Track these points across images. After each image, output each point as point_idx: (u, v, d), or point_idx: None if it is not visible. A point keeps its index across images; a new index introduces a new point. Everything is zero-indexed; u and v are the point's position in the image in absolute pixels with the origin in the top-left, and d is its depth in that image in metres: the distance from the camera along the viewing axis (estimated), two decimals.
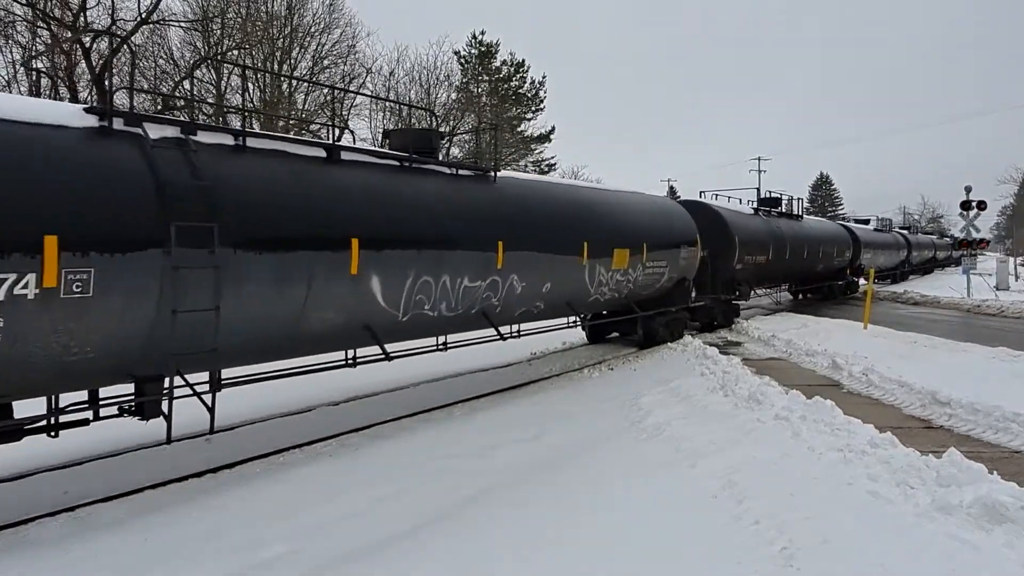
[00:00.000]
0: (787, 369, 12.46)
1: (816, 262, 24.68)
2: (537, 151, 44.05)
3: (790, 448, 6.72)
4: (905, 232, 46.74)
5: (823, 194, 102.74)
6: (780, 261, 20.73)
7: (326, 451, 7.68)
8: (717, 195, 20.82)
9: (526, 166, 40.64)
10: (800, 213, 24.16)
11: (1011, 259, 44.20)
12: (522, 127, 42.88)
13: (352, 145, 10.20)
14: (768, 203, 22.61)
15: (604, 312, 14.16)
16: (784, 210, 23.22)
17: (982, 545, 4.44)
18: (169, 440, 6.45)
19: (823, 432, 7.17)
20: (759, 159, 65.43)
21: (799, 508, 5.19)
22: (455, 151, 33.40)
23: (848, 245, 28.44)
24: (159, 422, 6.75)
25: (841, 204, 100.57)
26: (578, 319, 13.01)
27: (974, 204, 28.78)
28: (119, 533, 5.46)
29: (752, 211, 20.75)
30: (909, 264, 43.99)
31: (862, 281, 34.72)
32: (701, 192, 20.37)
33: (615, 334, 16.04)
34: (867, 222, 39.23)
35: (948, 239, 70.20)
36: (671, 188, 61.53)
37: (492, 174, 10.21)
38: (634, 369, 12.65)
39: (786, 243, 21.01)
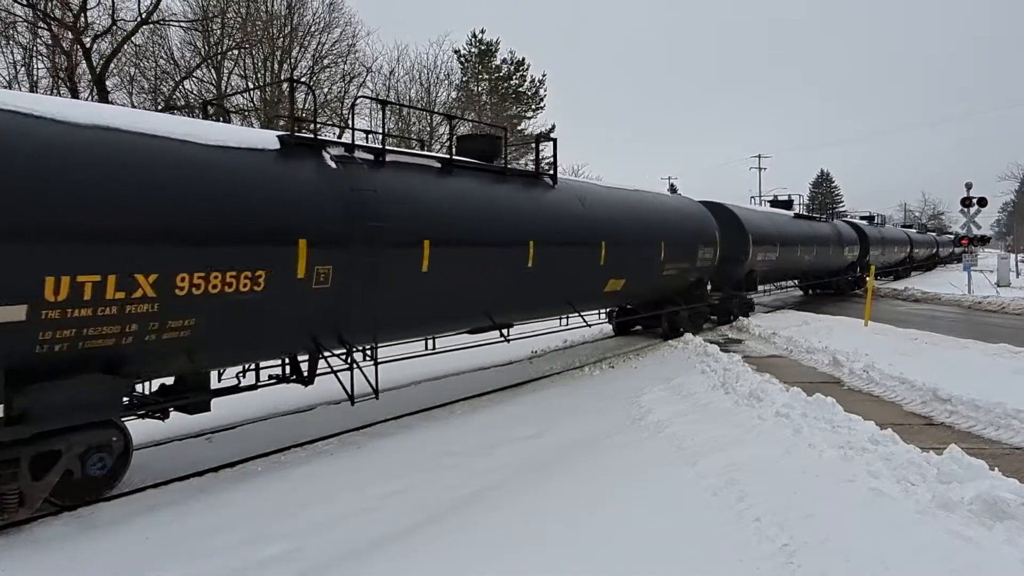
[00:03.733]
0: (788, 366, 12.46)
1: (581, 279, 11.78)
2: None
3: (791, 445, 6.72)
4: (862, 223, 34.76)
5: (824, 191, 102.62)
6: (383, 287, 7.92)
7: (327, 450, 7.69)
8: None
9: (526, 164, 40.61)
10: (550, 173, 11.77)
11: (1012, 256, 44.14)
12: (522, 126, 42.85)
13: None
14: (472, 145, 10.81)
15: None
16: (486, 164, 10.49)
17: (983, 542, 4.43)
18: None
19: (824, 429, 7.17)
20: (759, 156, 65.34)
21: (800, 505, 5.19)
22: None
23: (711, 240, 16.23)
24: (158, 420, 6.80)
25: (842, 202, 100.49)
26: None
27: (975, 201, 28.76)
28: (121, 531, 5.48)
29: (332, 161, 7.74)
30: (863, 268, 30.57)
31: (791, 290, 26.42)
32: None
33: None
34: (788, 205, 26.48)
35: (934, 235, 60.50)
36: (672, 186, 61.45)
37: None
38: (635, 367, 12.66)
39: (408, 239, 8.26)
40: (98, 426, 5.89)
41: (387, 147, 8.56)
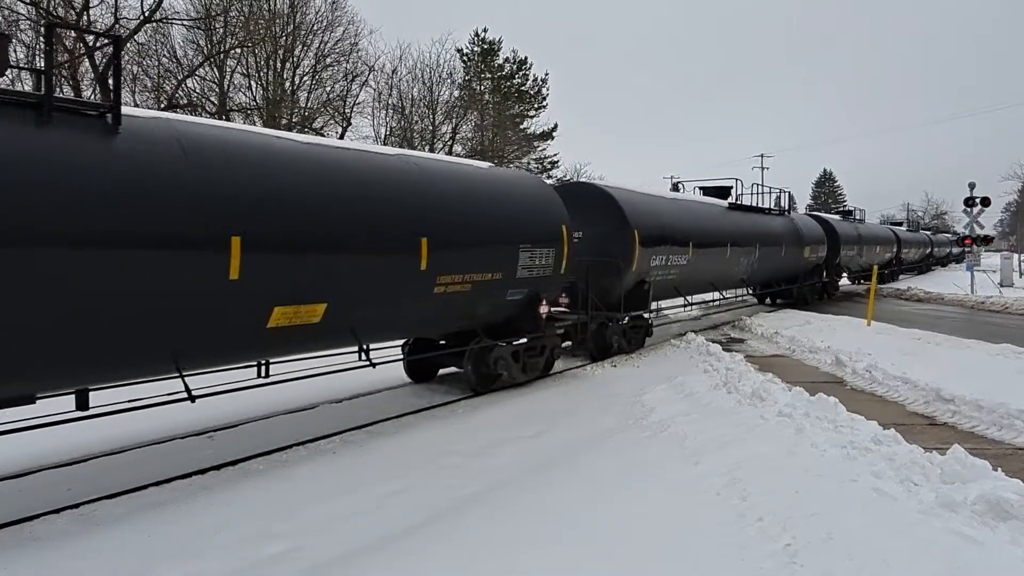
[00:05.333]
0: (790, 366, 12.44)
1: (184, 309, 6.12)
2: (540, 148, 44.04)
3: (793, 445, 6.71)
4: (832, 218, 29.07)
5: (826, 191, 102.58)
6: None
7: (329, 448, 7.68)
8: None
9: (528, 163, 40.62)
10: (100, 104, 6.02)
11: (1015, 255, 44.10)
12: (524, 124, 42.87)
13: None
14: None
15: None
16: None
17: (986, 542, 4.42)
18: None
19: (827, 429, 7.16)
20: (762, 156, 65.30)
21: (803, 505, 5.18)
22: (458, 149, 33.44)
23: (551, 237, 10.75)
24: (160, 418, 6.79)
25: (844, 201, 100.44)
26: None
27: (978, 200, 28.72)
28: (123, 529, 5.47)
29: None
30: (832, 271, 25.97)
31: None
32: None
33: None
34: (724, 192, 19.96)
35: (927, 233, 53.83)
36: (674, 186, 61.40)
37: None
38: (637, 366, 12.64)
39: None
40: None
41: None
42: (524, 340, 10.79)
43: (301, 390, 9.79)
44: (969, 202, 28.83)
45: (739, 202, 19.81)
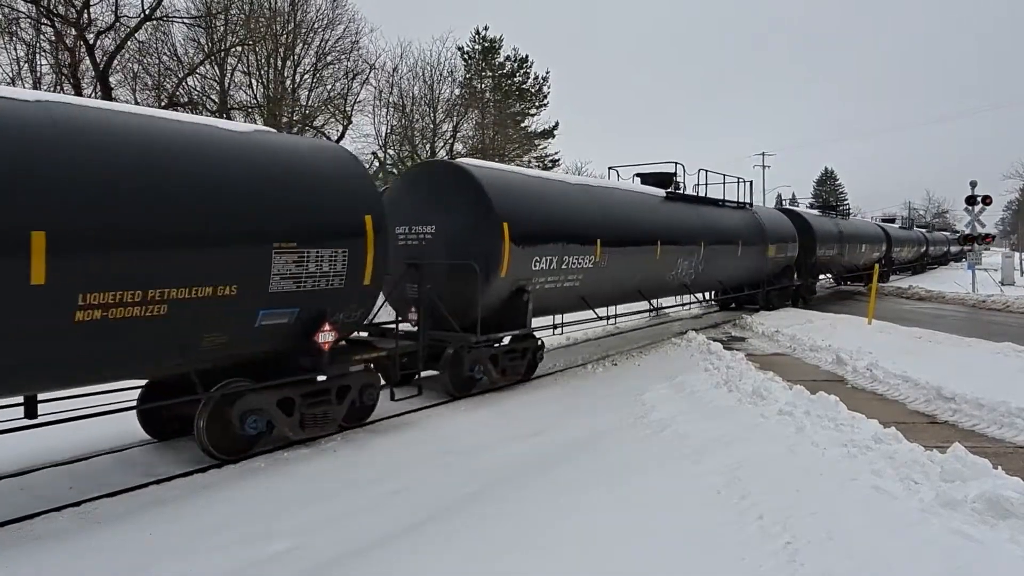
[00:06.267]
0: (791, 364, 12.43)
1: None
2: (541, 147, 43.99)
3: (794, 444, 6.71)
4: (809, 213, 26.44)
5: (828, 189, 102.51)
6: None
7: (330, 447, 7.69)
8: None
9: (529, 162, 40.58)
10: None
11: (1016, 254, 44.02)
12: (525, 122, 42.82)
13: None
14: None
15: None
16: None
17: (987, 540, 4.42)
18: None
19: (827, 427, 7.16)
20: (763, 154, 65.27)
21: (803, 503, 5.18)
22: (459, 147, 33.44)
23: (341, 230, 7.57)
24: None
25: (846, 200, 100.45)
26: None
27: (979, 199, 28.70)
28: (123, 527, 5.48)
29: None
30: (805, 272, 23.36)
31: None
32: None
33: None
34: (665, 181, 16.71)
35: (922, 231, 49.79)
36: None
37: None
38: (638, 364, 12.65)
39: None
40: None
41: None
42: (322, 379, 7.76)
43: None
44: (971, 200, 28.81)
45: (681, 192, 16.70)
